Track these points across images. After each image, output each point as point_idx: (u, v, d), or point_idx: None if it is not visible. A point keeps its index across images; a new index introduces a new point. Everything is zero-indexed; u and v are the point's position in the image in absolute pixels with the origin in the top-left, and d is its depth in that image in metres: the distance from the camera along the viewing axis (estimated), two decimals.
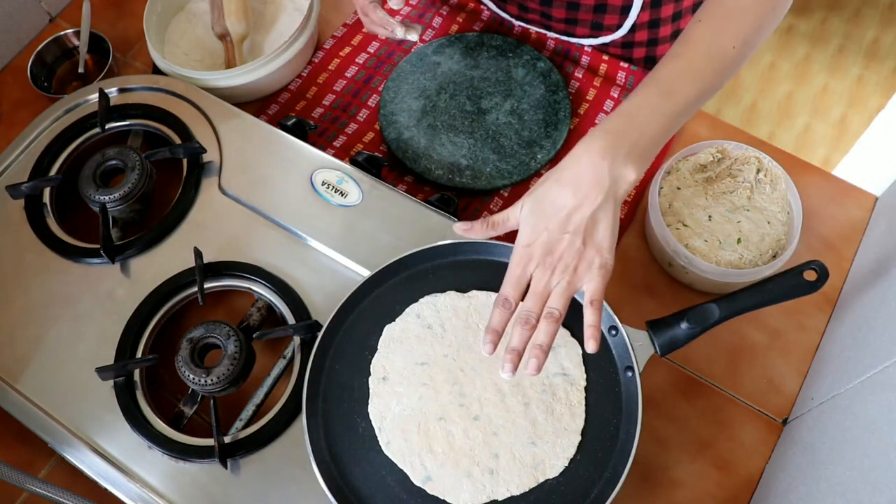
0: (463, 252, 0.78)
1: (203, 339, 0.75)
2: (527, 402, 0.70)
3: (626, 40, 0.98)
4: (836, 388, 0.72)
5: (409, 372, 0.72)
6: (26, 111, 1.00)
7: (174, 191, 0.86)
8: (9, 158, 0.88)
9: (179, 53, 1.01)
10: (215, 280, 0.81)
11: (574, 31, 0.99)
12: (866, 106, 2.17)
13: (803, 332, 0.84)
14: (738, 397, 0.81)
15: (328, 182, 0.84)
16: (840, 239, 0.89)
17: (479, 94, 0.97)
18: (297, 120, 0.90)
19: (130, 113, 0.90)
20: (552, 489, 0.67)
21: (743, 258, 0.82)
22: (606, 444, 0.68)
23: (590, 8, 0.94)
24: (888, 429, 0.58)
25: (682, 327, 0.70)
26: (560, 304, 0.63)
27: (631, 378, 0.70)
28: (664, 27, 0.97)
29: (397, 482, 0.68)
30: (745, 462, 0.78)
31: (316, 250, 0.82)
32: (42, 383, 0.77)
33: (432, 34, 1.03)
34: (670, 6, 0.94)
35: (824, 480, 0.64)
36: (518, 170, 0.92)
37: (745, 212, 0.84)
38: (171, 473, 0.72)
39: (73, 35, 1.02)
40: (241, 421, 0.75)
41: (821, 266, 0.70)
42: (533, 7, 0.96)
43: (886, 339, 0.67)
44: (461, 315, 0.74)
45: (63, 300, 0.81)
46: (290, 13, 1.04)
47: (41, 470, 0.79)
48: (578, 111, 0.97)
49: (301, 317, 0.77)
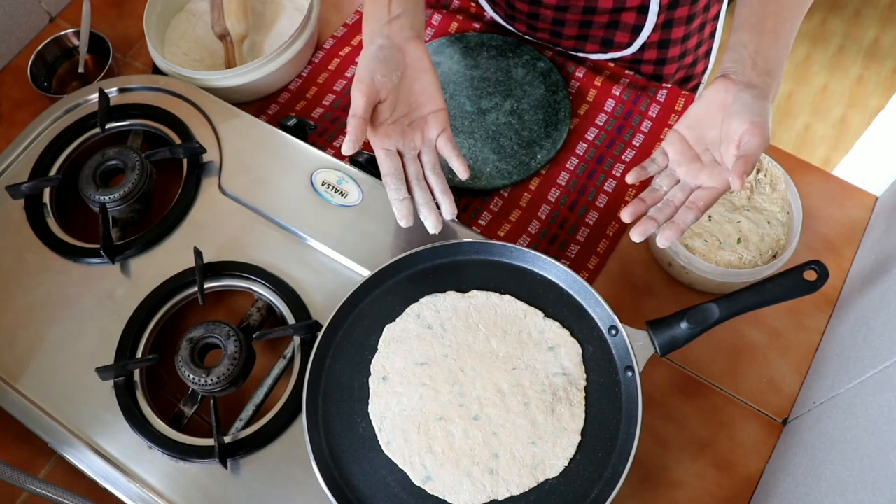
0: (463, 252, 0.78)
1: (203, 339, 0.75)
2: (527, 402, 0.70)
3: (635, 57, 0.98)
4: (836, 388, 0.72)
5: (409, 372, 0.72)
6: (26, 111, 1.00)
7: (174, 191, 0.86)
8: (9, 158, 0.88)
9: (179, 53, 1.01)
10: (215, 280, 0.81)
11: (584, 48, 0.99)
12: (866, 106, 2.17)
13: (803, 332, 0.84)
14: (737, 397, 0.81)
15: (328, 182, 0.84)
16: (840, 239, 0.89)
17: (479, 94, 0.97)
18: (297, 120, 0.90)
19: (130, 113, 0.90)
20: (552, 489, 0.67)
21: (743, 258, 0.82)
22: (606, 444, 0.68)
23: (602, 25, 0.94)
24: (888, 429, 0.58)
25: (682, 327, 0.70)
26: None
27: (631, 378, 0.70)
28: (673, 48, 0.97)
29: (397, 482, 0.68)
30: (745, 462, 0.78)
31: (316, 250, 0.82)
32: (42, 383, 0.77)
33: (432, 33, 1.03)
34: (681, 28, 0.95)
35: (824, 480, 0.64)
36: (518, 170, 0.92)
37: (745, 212, 0.84)
38: (171, 473, 0.72)
39: (73, 35, 1.02)
40: (241, 421, 0.75)
41: (821, 266, 0.70)
42: (543, 27, 0.96)
43: (886, 339, 0.67)
44: (461, 315, 0.74)
45: (63, 300, 0.81)
46: (290, 13, 1.04)
47: (41, 470, 0.79)
48: (578, 111, 0.97)
49: (301, 317, 0.77)
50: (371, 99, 0.71)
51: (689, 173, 0.71)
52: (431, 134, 0.76)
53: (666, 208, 0.70)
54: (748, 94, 0.67)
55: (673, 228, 0.68)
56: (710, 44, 1.03)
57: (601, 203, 0.91)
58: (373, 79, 0.72)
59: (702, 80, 1.07)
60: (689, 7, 0.93)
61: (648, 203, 0.71)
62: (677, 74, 1.02)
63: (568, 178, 0.93)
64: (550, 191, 0.92)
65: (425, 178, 0.75)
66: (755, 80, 0.68)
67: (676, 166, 0.72)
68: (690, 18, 0.94)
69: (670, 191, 0.71)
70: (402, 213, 0.73)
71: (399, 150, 0.75)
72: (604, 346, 0.72)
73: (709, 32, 1.01)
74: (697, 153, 0.71)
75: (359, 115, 0.70)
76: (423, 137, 0.76)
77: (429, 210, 0.74)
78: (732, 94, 0.68)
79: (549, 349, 0.72)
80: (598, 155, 0.94)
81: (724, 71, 0.70)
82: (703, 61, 1.04)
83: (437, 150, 0.76)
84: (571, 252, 0.88)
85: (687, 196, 0.70)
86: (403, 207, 0.73)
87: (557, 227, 0.90)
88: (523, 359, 0.72)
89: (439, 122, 0.75)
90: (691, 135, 0.72)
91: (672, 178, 0.72)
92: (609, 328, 0.72)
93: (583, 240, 0.89)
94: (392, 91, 0.73)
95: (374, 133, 0.73)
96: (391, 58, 0.73)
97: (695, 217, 0.68)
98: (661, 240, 0.68)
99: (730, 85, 0.69)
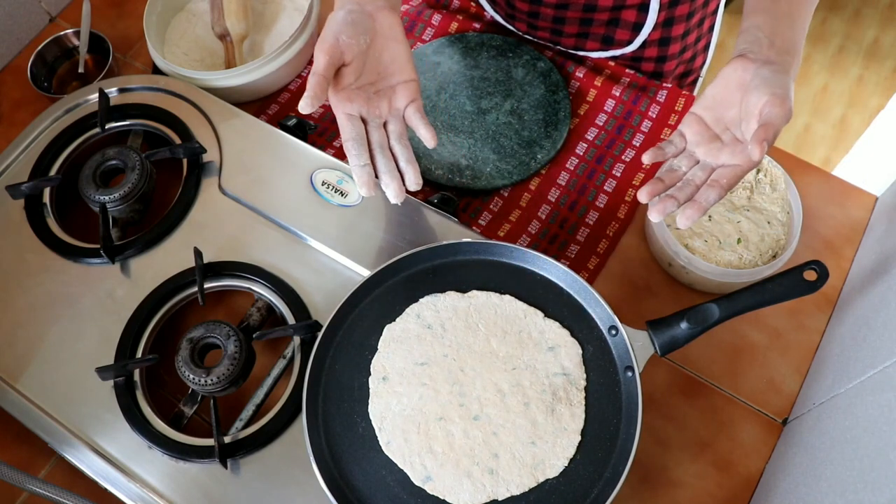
0: (463, 252, 0.78)
1: (203, 339, 0.75)
2: (527, 401, 0.70)
3: (636, 55, 0.98)
4: (836, 388, 0.72)
5: (409, 372, 0.72)
6: (26, 111, 1.00)
7: (174, 191, 0.86)
8: (9, 158, 0.88)
9: (179, 53, 1.01)
10: (215, 280, 0.81)
11: (584, 46, 0.99)
12: (866, 106, 2.17)
13: (803, 332, 0.84)
14: (737, 397, 0.81)
15: (328, 182, 0.84)
16: (840, 239, 0.89)
17: (479, 94, 0.97)
18: (297, 120, 0.90)
19: (130, 113, 0.90)
20: (552, 489, 0.67)
21: (743, 258, 0.82)
22: (606, 444, 0.68)
23: (602, 23, 0.94)
24: (888, 429, 0.58)
25: (682, 327, 0.70)
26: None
27: (631, 378, 0.70)
28: (674, 45, 0.97)
29: (397, 482, 0.68)
30: (745, 462, 0.78)
31: (316, 250, 0.82)
32: (42, 383, 0.77)
33: (432, 33, 1.03)
34: (681, 25, 0.95)
35: (824, 480, 0.64)
36: (518, 170, 0.92)
37: (745, 212, 0.84)
38: (171, 473, 0.72)
39: (73, 35, 1.02)
40: (241, 421, 0.75)
41: (821, 266, 0.70)
42: (544, 25, 0.96)
43: (886, 339, 0.67)
44: (461, 315, 0.74)
45: (63, 300, 0.81)
46: (290, 13, 1.04)
47: (41, 470, 0.79)
48: (578, 111, 0.97)
49: (301, 317, 0.77)
50: (334, 59, 0.69)
51: (709, 153, 0.69)
52: (399, 104, 0.73)
53: (686, 187, 0.68)
54: (767, 70, 0.65)
55: (695, 207, 0.66)
56: (708, 38, 1.03)
57: (601, 203, 0.91)
58: (337, 39, 0.69)
59: (700, 75, 1.07)
60: (690, 4, 0.93)
61: (667, 183, 0.69)
62: (677, 70, 1.02)
63: (568, 178, 0.93)
64: (550, 191, 0.92)
65: (390, 147, 0.73)
66: (774, 58, 0.66)
67: (695, 147, 0.70)
68: (690, 15, 0.94)
69: (690, 170, 0.69)
70: (362, 181, 0.70)
71: (363, 116, 0.72)
72: (604, 346, 0.72)
73: (708, 27, 1.01)
74: (716, 133, 0.69)
75: (319, 72, 0.68)
76: (389, 106, 0.73)
77: (391, 178, 0.71)
78: (751, 72, 0.66)
79: (549, 349, 0.72)
80: (598, 155, 0.94)
81: (741, 52, 0.68)
82: (702, 55, 1.04)
83: (406, 119, 0.74)
84: (571, 252, 0.88)
85: (708, 175, 0.68)
86: (364, 174, 0.70)
87: (557, 227, 0.90)
88: (523, 359, 0.72)
89: (409, 92, 0.73)
90: (709, 115, 0.70)
91: (691, 158, 0.70)
92: (609, 328, 0.72)
93: (583, 240, 0.89)
94: (358, 56, 0.71)
95: (335, 94, 0.71)
96: (359, 22, 0.71)
97: (717, 196, 0.66)
98: (682, 219, 0.66)
99: (748, 63, 0.67)
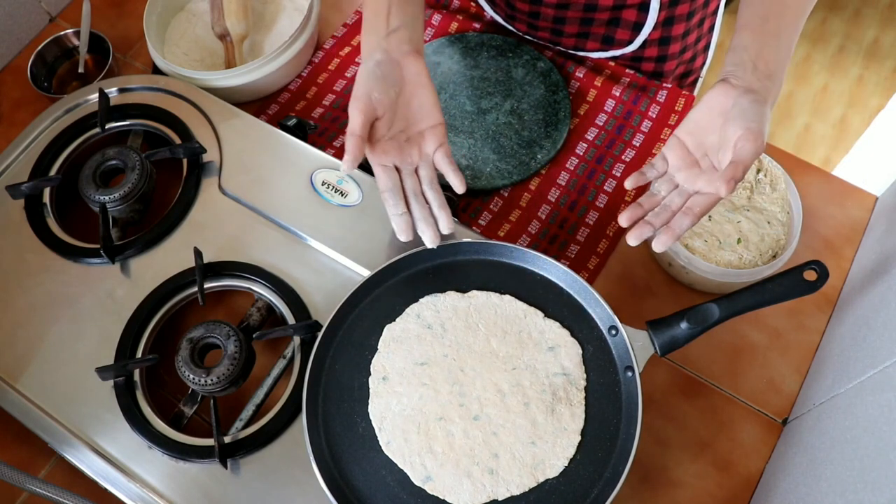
0: (463, 252, 0.78)
1: (203, 339, 0.75)
2: (527, 401, 0.70)
3: (636, 55, 0.98)
4: (836, 388, 0.72)
5: (409, 372, 0.72)
6: (26, 111, 1.00)
7: (174, 191, 0.86)
8: (9, 158, 0.88)
9: (179, 53, 1.01)
10: (215, 280, 0.81)
11: (584, 46, 0.99)
12: (866, 106, 2.17)
13: (803, 332, 0.84)
14: (737, 397, 0.81)
15: (328, 182, 0.84)
16: (840, 239, 0.89)
17: (479, 94, 0.97)
18: (297, 120, 0.90)
19: (130, 113, 0.90)
20: (552, 489, 0.67)
21: (743, 258, 0.82)
22: (606, 444, 0.68)
23: (603, 22, 0.94)
24: (888, 429, 0.58)
25: (682, 327, 0.70)
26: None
27: (631, 378, 0.70)
28: (674, 45, 0.97)
29: (397, 482, 0.68)
30: (745, 462, 0.78)
31: (316, 250, 0.82)
32: (42, 383, 0.77)
33: (432, 33, 1.03)
34: (682, 25, 0.95)
35: (824, 480, 0.64)
36: (518, 170, 0.92)
37: (745, 212, 0.84)
38: (171, 473, 0.72)
39: (73, 35, 1.02)
40: (241, 421, 0.75)
41: (821, 266, 0.70)
42: (544, 25, 0.96)
43: (886, 339, 0.67)
44: (461, 315, 0.74)
45: (63, 300, 0.81)
46: (290, 13, 1.04)
47: (41, 470, 0.79)
48: (578, 111, 0.97)
49: (301, 317, 0.77)
50: (368, 117, 0.71)
51: (687, 179, 0.71)
52: (429, 149, 0.76)
53: (663, 213, 0.71)
54: (746, 100, 0.68)
55: (668, 234, 0.69)
56: (708, 38, 1.03)
57: (601, 203, 0.91)
58: (370, 96, 0.72)
59: (700, 75, 1.07)
60: (690, 4, 0.93)
61: (646, 207, 0.72)
62: (677, 70, 1.02)
63: (568, 178, 0.93)
64: (550, 191, 0.92)
65: (423, 192, 0.76)
66: (755, 85, 0.68)
67: (676, 171, 0.72)
68: (691, 14, 0.95)
69: (668, 196, 0.72)
70: (400, 228, 0.74)
71: (396, 165, 0.75)
72: (604, 346, 0.72)
73: (708, 27, 1.01)
74: (696, 159, 0.72)
75: (356, 133, 0.70)
76: (420, 152, 0.76)
77: (426, 225, 0.74)
78: (732, 99, 0.68)
79: (549, 349, 0.72)
80: (598, 155, 0.94)
81: (725, 74, 0.70)
82: (702, 56, 1.04)
83: (435, 164, 0.76)
84: (571, 252, 0.88)
85: (685, 201, 0.71)
86: (402, 222, 0.74)
87: (557, 227, 0.90)
88: (523, 359, 0.72)
89: (437, 137, 0.75)
90: (691, 140, 0.72)
91: (671, 182, 0.72)
92: (609, 328, 0.72)
93: (583, 240, 0.89)
94: (389, 108, 0.73)
95: (371, 150, 0.73)
96: (389, 74, 0.73)
97: (690, 223, 0.69)
98: (657, 245, 0.69)
99: (729, 89, 0.69)
